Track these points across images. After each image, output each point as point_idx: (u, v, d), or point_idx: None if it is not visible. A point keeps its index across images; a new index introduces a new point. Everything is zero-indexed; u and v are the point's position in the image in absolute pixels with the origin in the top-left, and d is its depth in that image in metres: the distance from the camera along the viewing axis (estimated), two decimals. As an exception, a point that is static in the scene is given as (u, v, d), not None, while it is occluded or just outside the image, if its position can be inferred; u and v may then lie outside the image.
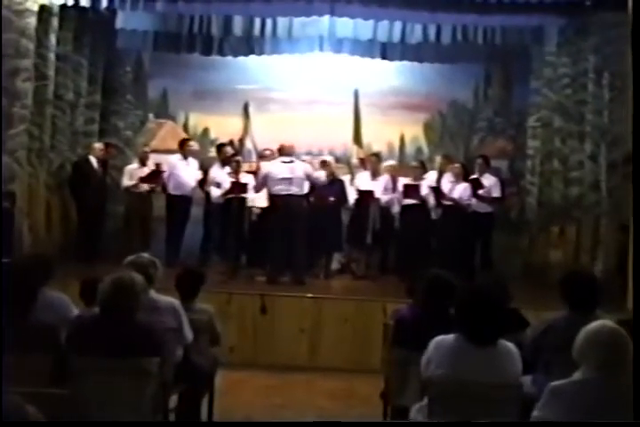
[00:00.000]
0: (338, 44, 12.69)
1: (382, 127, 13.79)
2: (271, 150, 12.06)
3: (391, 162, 12.47)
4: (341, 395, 8.06)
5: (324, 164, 11.73)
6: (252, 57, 13.13)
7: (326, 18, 11.72)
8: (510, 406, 4.50)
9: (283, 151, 10.87)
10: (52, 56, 11.33)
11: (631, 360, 3.90)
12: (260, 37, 12.48)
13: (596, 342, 4.02)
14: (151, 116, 13.99)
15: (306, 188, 10.74)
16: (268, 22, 12.00)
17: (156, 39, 12.85)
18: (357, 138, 13.62)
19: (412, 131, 13.91)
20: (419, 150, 13.89)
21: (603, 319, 4.33)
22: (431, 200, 11.52)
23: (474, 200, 11.45)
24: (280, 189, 10.46)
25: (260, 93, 13.77)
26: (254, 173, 11.68)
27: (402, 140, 13.88)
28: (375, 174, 12.01)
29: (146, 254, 6.02)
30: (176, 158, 12.04)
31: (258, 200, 11.29)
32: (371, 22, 11.95)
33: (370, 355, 8.54)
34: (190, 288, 6.40)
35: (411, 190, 11.48)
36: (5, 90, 10.40)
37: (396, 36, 12.13)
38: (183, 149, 12.10)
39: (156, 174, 11.82)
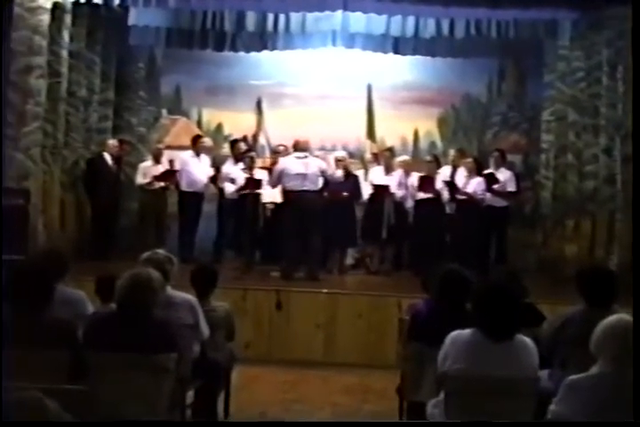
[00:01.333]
0: (350, 39, 12.65)
1: (395, 122, 13.76)
2: (285, 146, 12.07)
3: (405, 157, 12.45)
4: (357, 390, 8.07)
5: (339, 161, 11.71)
6: (265, 52, 13.08)
7: (339, 13, 11.69)
8: (527, 400, 4.49)
9: (298, 147, 10.85)
10: (64, 53, 11.34)
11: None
12: (272, 33, 12.44)
13: (613, 335, 4.01)
14: (164, 112, 13.99)
15: (320, 183, 10.73)
16: (281, 18, 11.97)
17: (169, 35, 12.81)
18: (371, 133, 13.60)
19: (426, 125, 13.87)
20: (432, 145, 13.85)
21: (620, 314, 4.33)
22: (445, 194, 11.51)
23: (488, 194, 11.44)
24: (294, 184, 10.44)
25: (273, 89, 13.75)
26: (269, 168, 11.68)
27: (415, 134, 13.84)
28: (389, 169, 11.98)
29: (161, 251, 6.03)
30: (188, 155, 12.10)
31: (272, 196, 11.27)
32: (384, 17, 11.92)
33: (385, 350, 8.56)
34: (205, 285, 6.41)
35: (426, 183, 11.46)
36: (19, 87, 10.43)
37: (410, 31, 12.08)
38: (196, 145, 12.14)
39: (170, 173, 11.84)
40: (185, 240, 11.79)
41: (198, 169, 11.94)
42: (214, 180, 11.90)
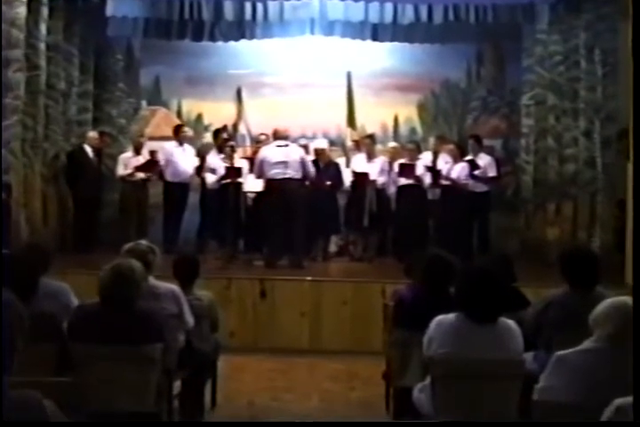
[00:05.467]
0: (329, 27, 12.62)
1: (376, 109, 13.76)
2: (266, 135, 12.04)
3: (393, 144, 12.52)
4: (343, 377, 8.09)
5: (318, 152, 11.74)
6: (243, 41, 13.05)
7: (317, 0, 11.69)
8: (513, 382, 4.52)
9: (277, 135, 10.88)
10: (42, 46, 11.26)
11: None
12: (251, 22, 12.39)
13: (616, 314, 3.97)
14: (144, 103, 13.97)
15: (302, 171, 10.71)
16: (259, 6, 11.93)
17: (147, 26, 12.74)
18: (351, 120, 13.56)
19: (406, 112, 13.90)
20: (412, 131, 13.88)
21: (604, 295, 4.36)
22: (427, 180, 11.54)
23: (471, 180, 11.46)
24: (276, 173, 10.44)
25: (252, 78, 13.72)
26: (250, 158, 11.69)
27: (396, 121, 13.87)
28: (370, 156, 12.00)
29: (144, 241, 6.03)
30: (172, 145, 12.05)
31: (253, 185, 11.26)
32: (361, 4, 11.91)
33: (370, 336, 8.56)
34: (188, 274, 6.41)
35: (406, 170, 11.49)
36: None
37: (388, 18, 12.07)
38: (178, 135, 12.10)
39: (152, 164, 11.83)
40: (169, 231, 11.77)
41: (183, 159, 11.93)
42: (199, 170, 11.86)
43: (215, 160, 11.62)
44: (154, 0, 12.01)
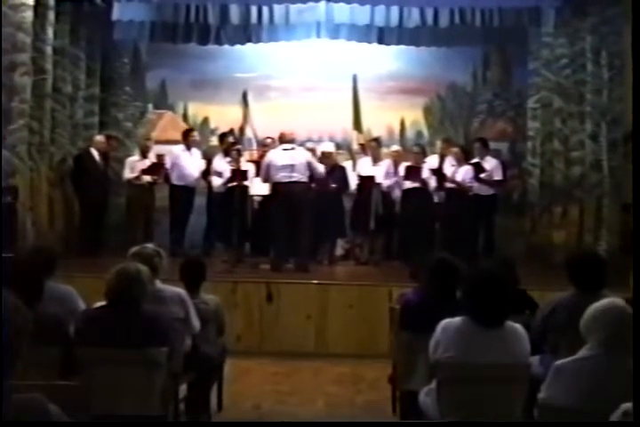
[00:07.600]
0: (335, 30, 12.65)
1: (382, 112, 13.77)
2: (272, 138, 12.03)
3: (395, 147, 12.48)
4: (349, 381, 8.08)
5: (325, 156, 11.72)
6: (249, 45, 13.08)
7: (322, 4, 11.70)
8: (519, 386, 4.52)
9: (283, 139, 10.88)
10: (49, 50, 11.25)
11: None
12: (256, 25, 12.42)
13: (603, 319, 4.00)
14: (150, 106, 14.00)
15: (308, 174, 10.71)
16: (265, 10, 11.96)
17: (153, 30, 12.78)
18: (357, 123, 13.55)
19: (412, 115, 13.91)
20: (419, 134, 13.89)
21: (611, 298, 4.34)
22: (432, 183, 11.53)
23: (476, 184, 11.45)
24: (282, 176, 10.43)
25: (258, 81, 13.75)
26: (256, 161, 11.68)
27: (402, 124, 13.88)
28: (376, 160, 12.01)
29: (150, 245, 6.04)
30: (179, 149, 12.06)
31: (259, 188, 11.26)
32: (367, 7, 11.92)
33: (376, 340, 8.56)
34: (194, 278, 6.41)
35: (412, 172, 11.47)
36: (4, 85, 10.36)
37: (394, 21, 12.08)
38: (187, 139, 12.10)
39: (158, 167, 11.84)
40: (175, 234, 11.78)
41: (190, 163, 11.93)
42: (206, 173, 11.86)
43: (221, 163, 11.62)
44: (160, 4, 12.04)
